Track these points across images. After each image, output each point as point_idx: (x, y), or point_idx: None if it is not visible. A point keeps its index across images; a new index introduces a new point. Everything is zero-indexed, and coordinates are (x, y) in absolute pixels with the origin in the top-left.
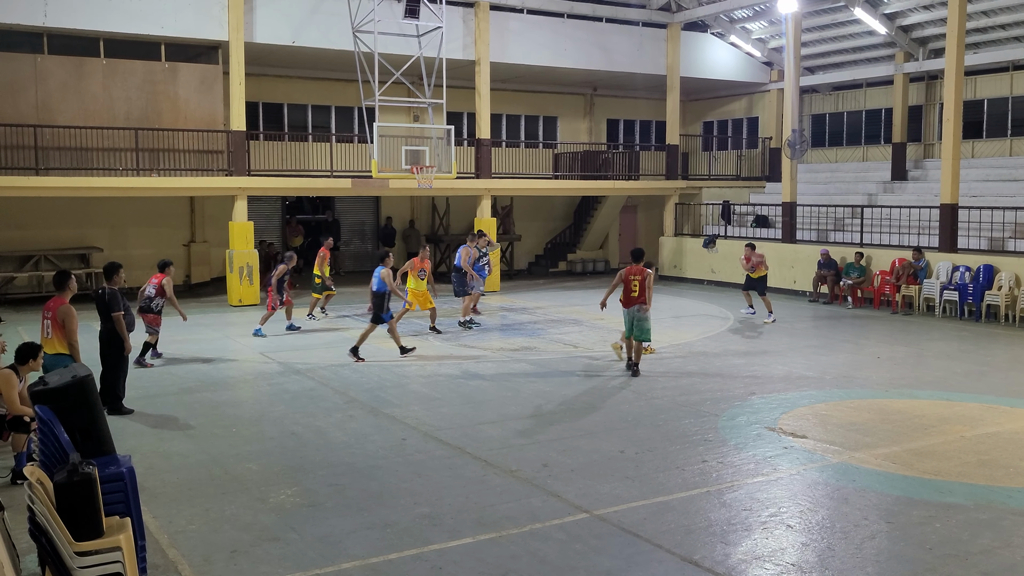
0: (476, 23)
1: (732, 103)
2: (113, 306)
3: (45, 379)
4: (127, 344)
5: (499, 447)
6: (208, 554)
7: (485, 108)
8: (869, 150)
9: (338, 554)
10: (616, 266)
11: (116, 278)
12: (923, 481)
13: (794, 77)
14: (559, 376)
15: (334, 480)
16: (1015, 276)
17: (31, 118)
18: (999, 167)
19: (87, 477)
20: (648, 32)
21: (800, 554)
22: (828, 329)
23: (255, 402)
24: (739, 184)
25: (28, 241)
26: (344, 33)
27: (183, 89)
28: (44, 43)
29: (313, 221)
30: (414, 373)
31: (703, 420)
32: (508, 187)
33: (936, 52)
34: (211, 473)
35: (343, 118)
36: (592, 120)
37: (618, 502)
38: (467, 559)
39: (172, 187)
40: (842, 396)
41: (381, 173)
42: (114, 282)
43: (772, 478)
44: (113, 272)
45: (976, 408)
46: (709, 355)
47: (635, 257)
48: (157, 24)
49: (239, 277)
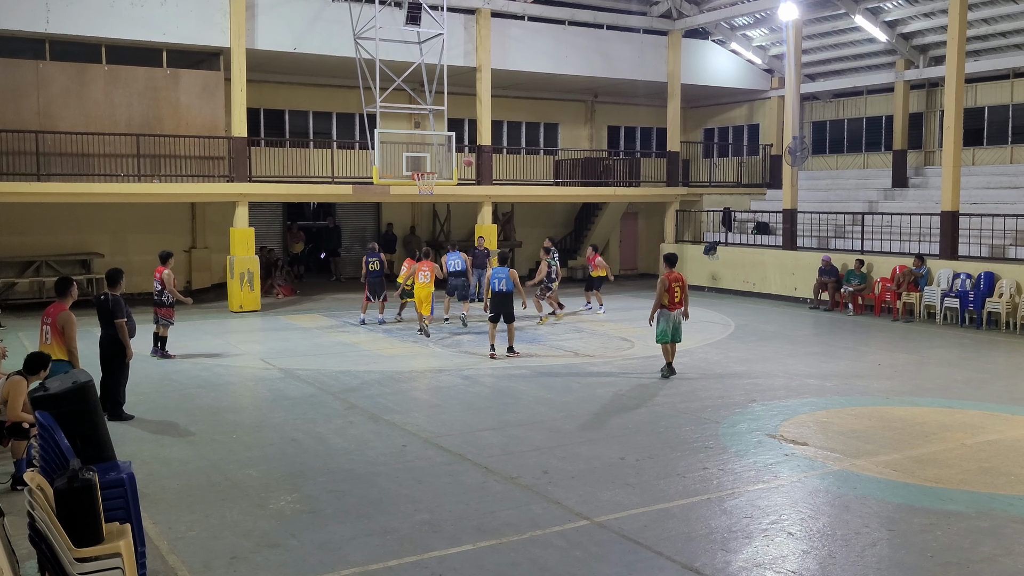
0: (477, 30)
1: (733, 110)
2: (116, 312)
3: (45, 385)
4: (128, 351)
5: (499, 454)
6: (208, 560)
7: (486, 115)
8: (870, 157)
9: (338, 561)
10: (617, 273)
11: (120, 284)
12: (924, 489)
13: (795, 84)
14: (560, 382)
15: (334, 486)
16: (1016, 283)
17: (33, 124)
18: (1000, 174)
19: (87, 483)
20: (649, 39)
21: (801, 562)
22: (829, 336)
23: (255, 408)
24: (740, 191)
25: (29, 247)
26: (345, 40)
27: (185, 95)
28: (46, 49)
29: (314, 227)
30: (414, 379)
31: (704, 427)
32: (509, 194)
33: (937, 59)
34: (211, 479)
35: (344, 124)
36: (593, 127)
37: (619, 509)
38: (467, 566)
39: (173, 193)
40: (843, 403)
41: (382, 179)
42: (117, 288)
43: (773, 485)
44: (117, 278)
45: (977, 415)
46: (710, 362)
47: (671, 262)
48: (159, 31)
49: (240, 283)
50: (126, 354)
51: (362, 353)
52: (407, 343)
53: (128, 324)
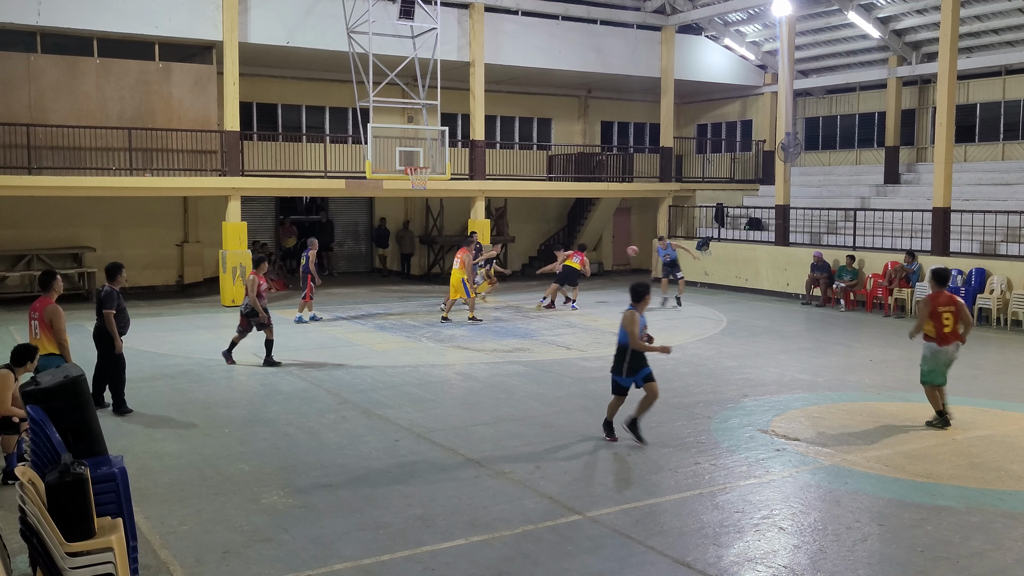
0: (471, 25)
1: (726, 106)
2: (106, 303)
3: (37, 379)
4: (116, 343)
5: (492, 448)
6: (200, 555)
7: (479, 110)
8: (862, 153)
9: (330, 555)
10: (610, 268)
11: (119, 278)
12: (915, 484)
13: (788, 80)
14: (552, 378)
15: (327, 481)
16: (1007, 280)
17: (24, 117)
18: (991, 171)
19: (79, 478)
20: (642, 35)
21: (792, 556)
22: (821, 332)
23: (248, 403)
24: (733, 187)
25: (20, 240)
26: (339, 34)
27: (177, 89)
28: (37, 42)
29: (307, 222)
30: (407, 374)
31: (696, 422)
32: (502, 189)
33: (929, 56)
34: (203, 474)
35: (337, 119)
36: (586, 122)
37: (611, 504)
38: (460, 560)
39: (165, 187)
40: (834, 399)
41: (375, 174)
42: (117, 282)
43: (764, 480)
44: (116, 272)
45: (968, 411)
46: (702, 357)
47: (940, 279)
48: (151, 24)
49: (232, 277)
50: (115, 346)
51: (355, 348)
52: (400, 338)
53: (119, 317)
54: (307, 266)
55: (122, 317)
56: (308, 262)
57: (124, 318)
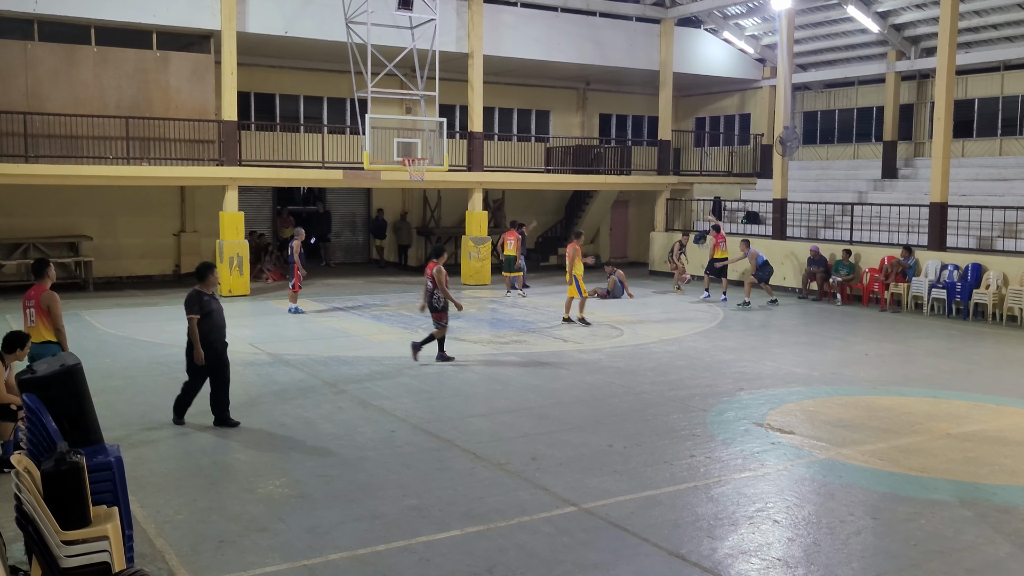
0: (470, 16)
1: (724, 99)
2: (186, 307)
3: (33, 367)
4: (197, 352)
5: (488, 440)
6: (195, 544)
7: (478, 101)
8: (860, 148)
9: (326, 545)
10: (607, 261)
11: (210, 279)
12: (909, 478)
13: (787, 74)
14: (549, 370)
15: (323, 471)
16: (1003, 275)
17: (21, 105)
18: (989, 166)
19: (75, 466)
20: (641, 27)
21: (786, 549)
22: (817, 326)
23: (244, 393)
24: (730, 180)
25: (17, 229)
26: (337, 24)
27: (174, 78)
28: (35, 30)
29: (304, 212)
30: (403, 365)
31: (691, 415)
32: (500, 180)
33: (928, 51)
34: (199, 463)
35: (335, 109)
36: (584, 115)
37: (606, 496)
38: (455, 551)
39: (162, 176)
40: (830, 393)
41: (373, 165)
42: (208, 283)
43: (759, 473)
44: (207, 272)
45: (962, 406)
46: (698, 350)
47: None
48: (149, 12)
49: (229, 267)
50: (195, 355)
51: (352, 339)
52: (397, 329)
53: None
54: (292, 256)
55: (209, 322)
56: (293, 252)
57: (212, 323)
